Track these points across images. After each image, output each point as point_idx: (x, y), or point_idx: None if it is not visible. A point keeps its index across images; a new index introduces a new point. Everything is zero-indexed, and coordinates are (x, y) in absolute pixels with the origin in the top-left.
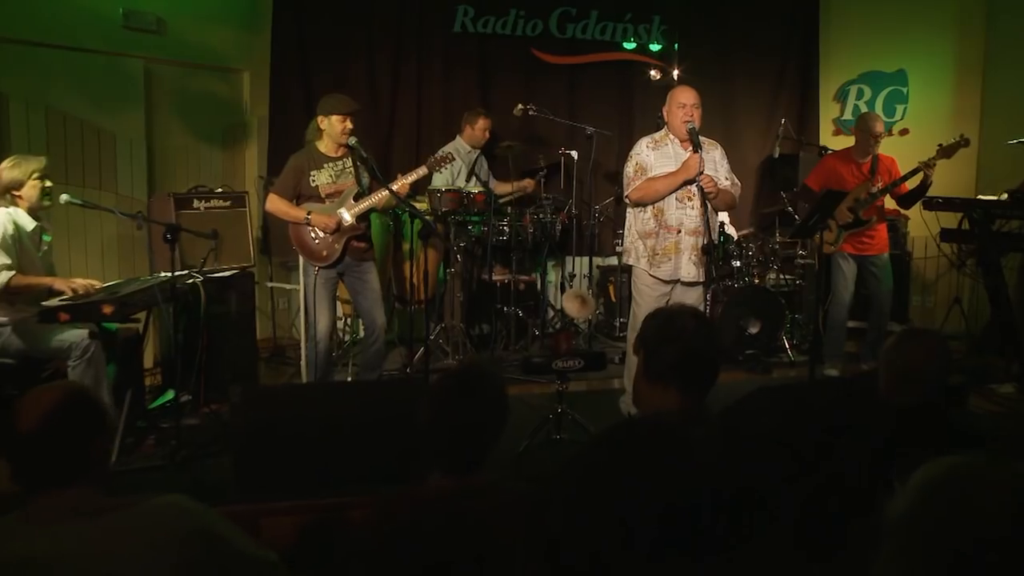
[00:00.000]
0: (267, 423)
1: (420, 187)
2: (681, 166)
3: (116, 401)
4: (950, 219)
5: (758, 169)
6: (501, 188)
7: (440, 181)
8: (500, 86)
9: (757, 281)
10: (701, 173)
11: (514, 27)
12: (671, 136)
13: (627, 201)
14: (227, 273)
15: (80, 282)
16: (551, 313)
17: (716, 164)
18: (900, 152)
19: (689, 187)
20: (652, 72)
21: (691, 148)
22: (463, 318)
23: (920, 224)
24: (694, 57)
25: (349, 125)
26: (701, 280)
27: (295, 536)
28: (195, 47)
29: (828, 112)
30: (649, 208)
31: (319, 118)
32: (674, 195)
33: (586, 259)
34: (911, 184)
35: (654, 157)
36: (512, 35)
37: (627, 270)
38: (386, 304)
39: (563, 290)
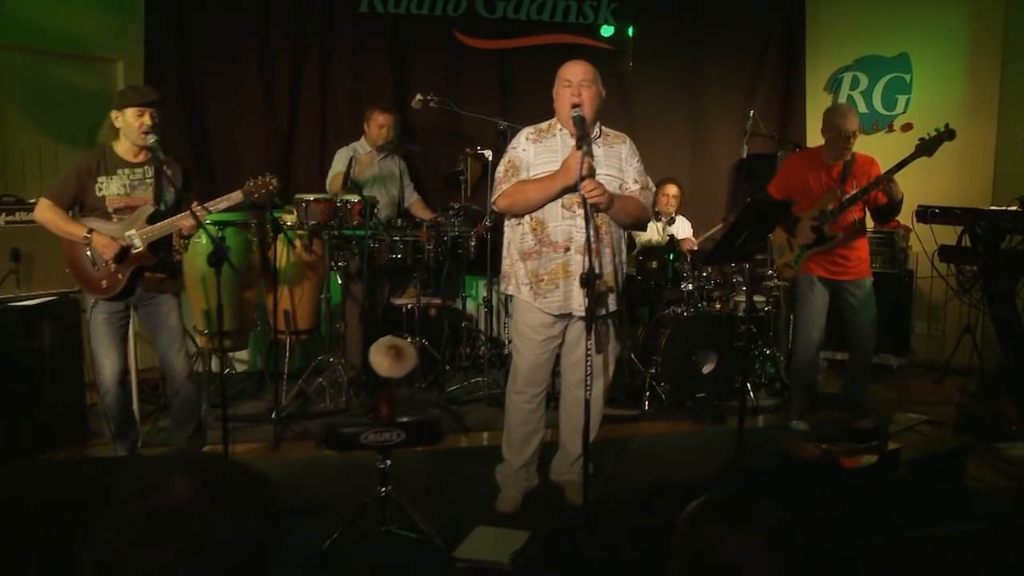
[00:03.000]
0: None
1: (289, 196)
2: (560, 167)
3: None
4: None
5: (731, 172)
6: (422, 212)
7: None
8: (418, 76)
9: (718, 307)
10: (584, 178)
11: (432, 6)
12: (560, 126)
13: (494, 209)
14: (37, 301)
15: None
16: (482, 342)
17: (622, 162)
18: (903, 151)
19: (574, 195)
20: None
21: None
22: (361, 352)
23: (926, 238)
24: (653, 41)
25: (147, 120)
26: (606, 311)
27: None
28: (47, 32)
29: (818, 104)
30: (526, 220)
31: (112, 113)
32: (559, 201)
33: None
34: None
35: (534, 152)
36: (430, 15)
37: None
38: (263, 336)
39: (498, 314)
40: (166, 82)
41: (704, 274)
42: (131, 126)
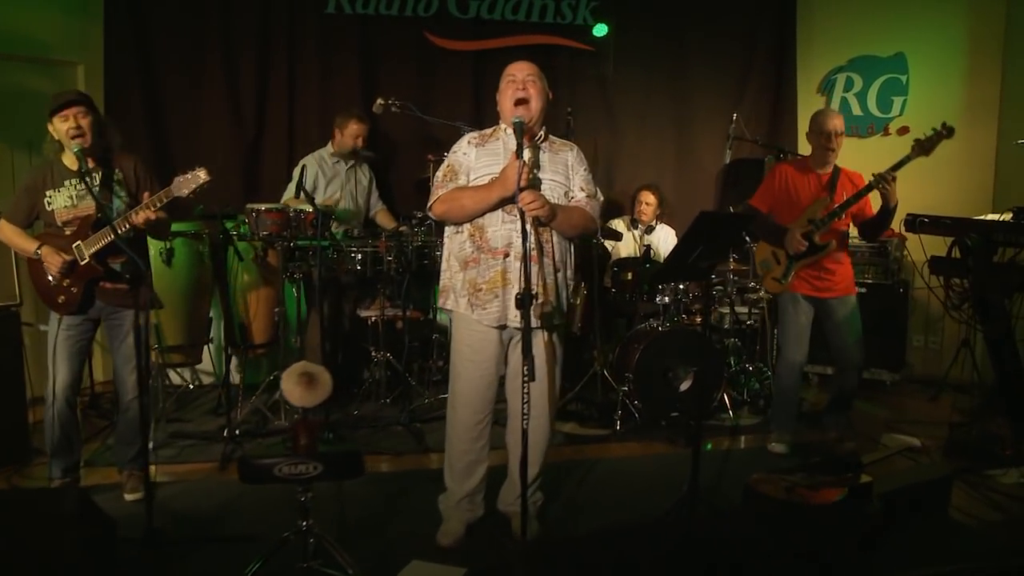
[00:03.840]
0: None
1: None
2: (498, 176)
3: None
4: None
5: (718, 178)
6: (386, 221)
7: (318, 197)
8: (388, 79)
9: (699, 320)
10: (523, 189)
11: (401, 6)
12: (506, 127)
13: (431, 216)
14: None
15: None
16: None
17: (568, 169)
18: (898, 156)
19: (513, 205)
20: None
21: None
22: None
23: (916, 248)
24: (636, 42)
25: (73, 124)
26: (549, 325)
27: None
28: (1, 35)
29: (809, 107)
30: (465, 227)
31: (48, 127)
32: (502, 209)
33: None
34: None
35: (475, 156)
36: (400, 16)
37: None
38: (218, 350)
39: None
40: (127, 86)
41: (682, 286)
42: (61, 133)
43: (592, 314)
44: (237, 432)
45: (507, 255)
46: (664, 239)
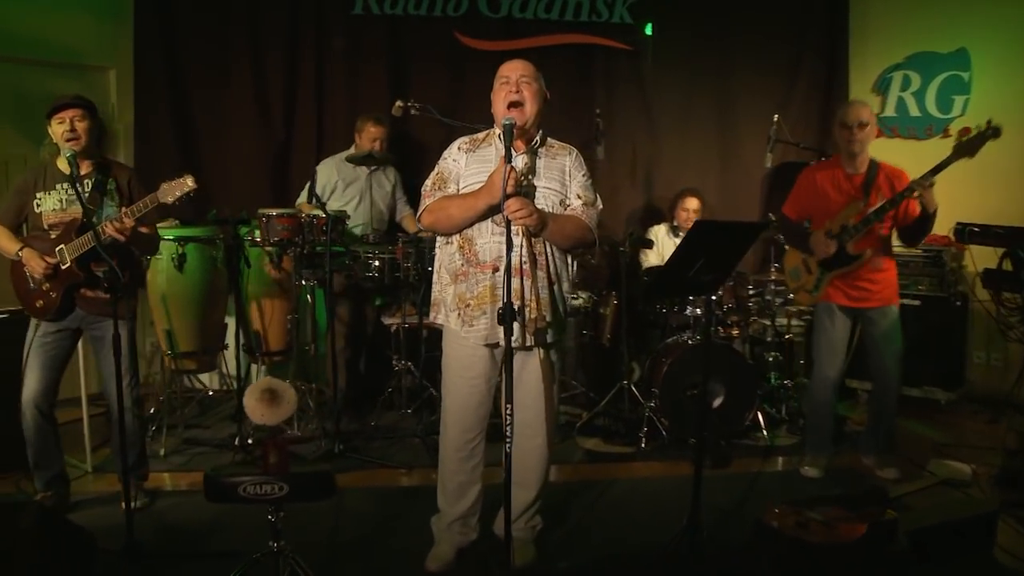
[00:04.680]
0: None
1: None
2: (486, 182)
3: None
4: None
5: (763, 183)
6: (412, 225)
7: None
8: (418, 80)
9: (735, 333)
10: (509, 196)
11: (431, 6)
12: (499, 131)
13: (420, 226)
14: None
15: None
16: None
17: (565, 175)
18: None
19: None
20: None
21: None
22: (346, 375)
23: (983, 257)
24: (675, 40)
25: (68, 127)
26: (543, 342)
27: None
28: (34, 42)
29: None
30: (455, 238)
31: (47, 127)
32: (490, 217)
33: None
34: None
35: (466, 162)
36: (429, 16)
37: (569, 314)
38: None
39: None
40: (156, 90)
41: (714, 297)
42: (57, 136)
43: (620, 324)
44: (249, 441)
45: (496, 269)
46: None
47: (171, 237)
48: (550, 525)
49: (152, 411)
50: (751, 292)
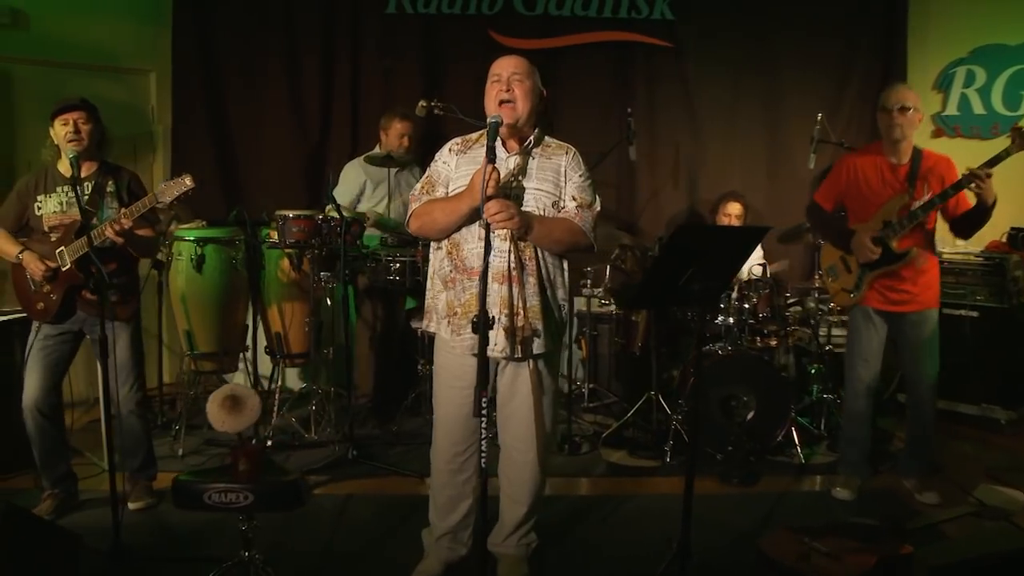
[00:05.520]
0: None
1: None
2: (468, 183)
3: None
4: None
5: (812, 186)
6: None
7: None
8: (452, 80)
9: (775, 343)
10: (489, 198)
11: (465, 4)
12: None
13: (409, 231)
14: (8, 317)
15: None
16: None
17: (560, 176)
18: None
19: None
20: None
21: (495, 153)
22: (372, 379)
23: None
24: (720, 38)
25: (71, 129)
26: (529, 352)
27: None
28: (74, 46)
29: (925, 107)
30: (444, 243)
31: (50, 131)
32: (476, 221)
33: None
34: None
35: (456, 165)
36: (463, 15)
37: (603, 320)
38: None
39: None
40: (193, 92)
41: (747, 306)
42: (60, 137)
43: (650, 333)
44: (269, 444)
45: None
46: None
47: (190, 238)
48: (554, 542)
49: (179, 412)
50: (789, 300)
